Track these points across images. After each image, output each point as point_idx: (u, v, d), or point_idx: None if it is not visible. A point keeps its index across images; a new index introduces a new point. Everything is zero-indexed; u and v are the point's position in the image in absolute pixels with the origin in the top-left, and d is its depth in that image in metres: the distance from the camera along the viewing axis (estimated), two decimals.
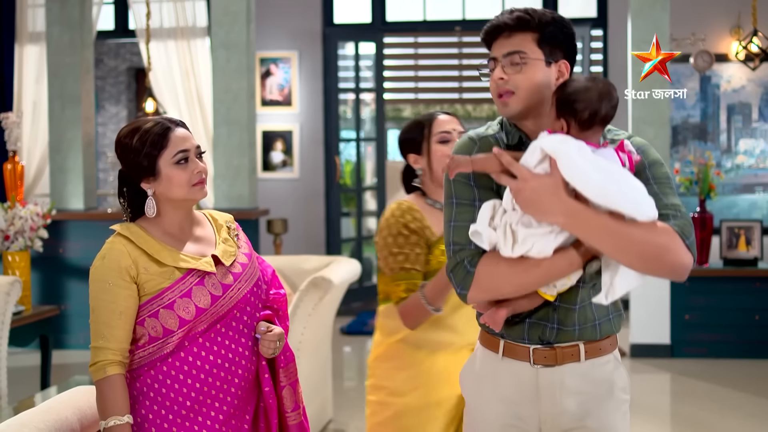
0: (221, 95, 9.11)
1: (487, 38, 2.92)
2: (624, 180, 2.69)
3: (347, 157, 12.85)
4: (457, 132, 3.79)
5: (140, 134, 3.10)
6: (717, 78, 10.62)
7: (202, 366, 3.09)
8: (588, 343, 2.92)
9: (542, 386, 2.91)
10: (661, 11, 8.52)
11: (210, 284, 3.11)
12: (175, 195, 3.11)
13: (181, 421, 3.08)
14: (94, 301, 3.07)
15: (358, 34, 11.71)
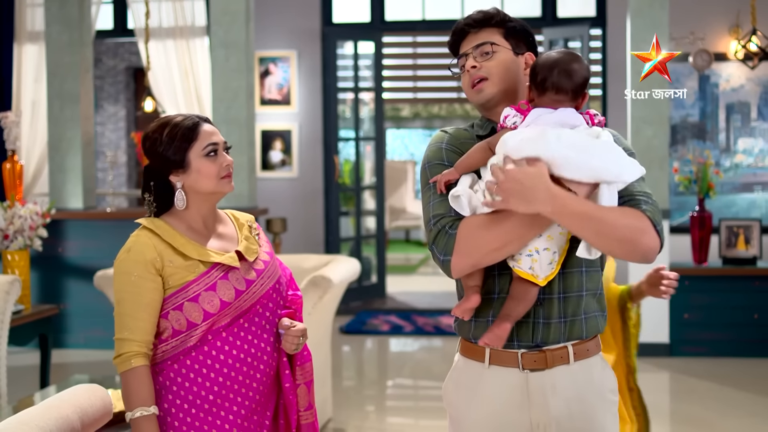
0: (220, 94, 9.12)
1: (456, 39, 3.09)
2: (601, 150, 2.75)
3: (346, 157, 12.83)
4: None
5: (170, 128, 3.18)
6: (716, 77, 10.62)
7: (225, 360, 3.13)
8: (576, 345, 2.94)
9: (533, 391, 2.91)
10: (660, 10, 8.53)
11: (234, 279, 3.17)
12: (203, 187, 3.19)
13: (203, 415, 3.13)
14: (120, 293, 3.12)
15: (356, 34, 11.70)
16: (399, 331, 10.08)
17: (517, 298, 2.85)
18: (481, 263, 2.82)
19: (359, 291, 11.41)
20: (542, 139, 2.73)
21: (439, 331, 9.97)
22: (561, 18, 11.26)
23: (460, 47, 3.08)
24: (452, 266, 2.83)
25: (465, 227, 2.81)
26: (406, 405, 8.00)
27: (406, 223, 17.77)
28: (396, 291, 12.29)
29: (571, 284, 2.90)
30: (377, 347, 9.74)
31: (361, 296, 11.46)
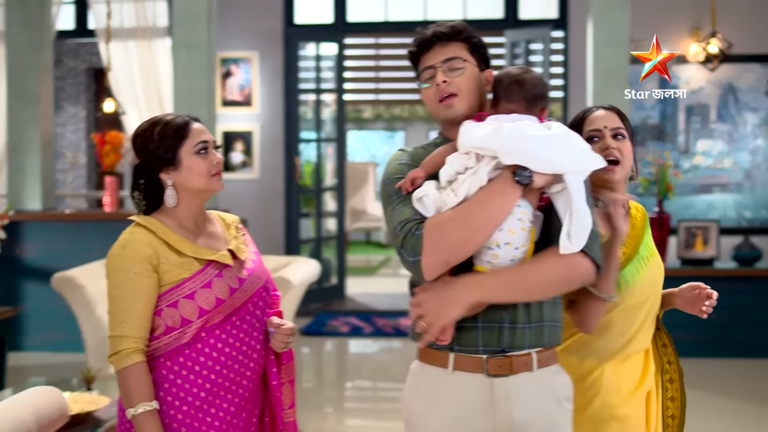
0: (182, 95, 9.07)
1: (422, 48, 3.10)
2: (559, 140, 2.82)
3: (307, 158, 12.81)
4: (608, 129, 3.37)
5: (161, 126, 3.23)
6: (676, 79, 10.69)
7: (218, 358, 3.17)
8: (539, 352, 2.97)
9: (497, 398, 2.92)
10: (621, 13, 8.58)
11: (228, 277, 3.22)
12: (194, 184, 3.24)
13: (194, 412, 3.16)
14: (116, 290, 3.13)
15: (319, 35, 11.71)
16: (358, 332, 10.08)
17: None
18: (451, 259, 2.82)
19: (319, 292, 11.40)
20: (497, 134, 2.79)
21: (398, 332, 9.96)
22: (523, 20, 11.30)
23: (423, 57, 3.10)
24: (423, 266, 2.82)
25: (430, 225, 2.83)
26: (365, 407, 8.00)
27: (366, 224, 17.79)
28: (356, 292, 12.28)
29: None
30: (337, 349, 9.73)
31: (321, 298, 11.45)
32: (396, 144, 22.37)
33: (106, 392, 5.18)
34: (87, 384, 5.16)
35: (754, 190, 10.68)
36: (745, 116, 10.61)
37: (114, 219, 8.90)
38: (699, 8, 10.24)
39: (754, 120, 10.64)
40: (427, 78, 3.07)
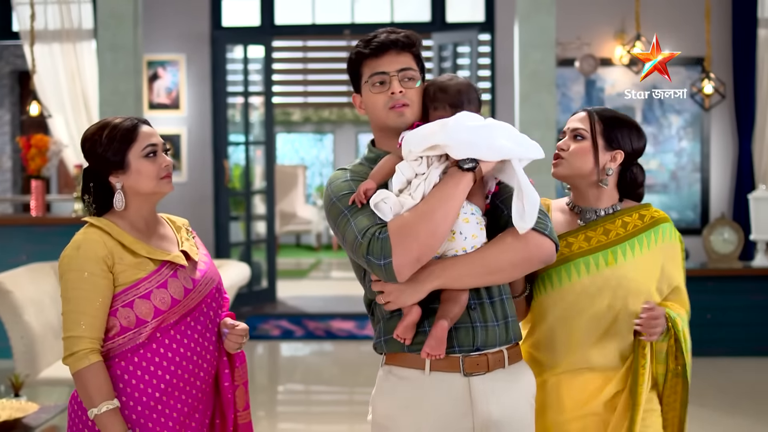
0: (108, 98, 9.00)
1: (374, 53, 3.09)
2: (503, 129, 2.93)
3: (236, 161, 12.77)
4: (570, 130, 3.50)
5: (110, 129, 3.22)
6: (602, 82, 10.81)
7: (172, 358, 3.17)
8: (509, 348, 3.04)
9: (476, 396, 2.97)
10: (546, 15, 8.64)
11: (182, 277, 3.24)
12: (143, 188, 3.26)
13: (148, 412, 3.16)
14: (71, 291, 3.12)
15: (246, 38, 11.68)
16: (290, 335, 10.07)
17: (451, 300, 2.94)
18: (422, 255, 2.86)
19: (249, 296, 11.37)
20: (443, 129, 2.87)
21: (329, 335, 9.98)
22: (450, 23, 11.37)
23: (372, 62, 3.09)
24: (395, 267, 2.85)
25: (395, 226, 2.87)
26: (297, 410, 7.98)
27: (296, 227, 17.77)
28: (287, 296, 12.28)
29: (492, 288, 3.03)
30: (268, 352, 9.71)
31: (252, 301, 11.42)
32: (325, 146, 22.37)
33: (34, 399, 5.12)
34: (15, 390, 5.09)
35: (679, 191, 10.84)
36: (670, 118, 10.77)
37: (41, 223, 8.81)
38: (624, 12, 10.38)
39: (678, 122, 10.80)
40: (377, 83, 3.07)
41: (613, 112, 3.39)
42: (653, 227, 3.36)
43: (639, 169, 3.43)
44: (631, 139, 3.36)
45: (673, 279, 3.37)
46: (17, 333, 6.16)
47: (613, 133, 3.33)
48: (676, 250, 3.38)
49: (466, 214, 2.93)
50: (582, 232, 3.35)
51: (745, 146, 10.73)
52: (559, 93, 10.76)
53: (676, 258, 3.38)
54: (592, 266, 3.30)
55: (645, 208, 3.41)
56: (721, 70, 10.69)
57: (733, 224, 9.10)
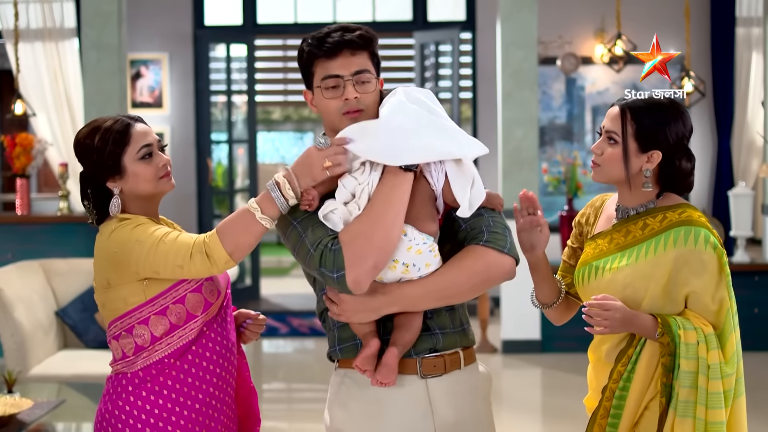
0: (92, 96, 9.04)
1: (326, 53, 2.91)
2: (436, 131, 2.84)
3: (219, 159, 12.82)
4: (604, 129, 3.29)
5: (101, 133, 3.08)
6: (582, 80, 10.92)
7: (219, 351, 3.10)
8: (465, 350, 3.03)
9: (434, 398, 2.95)
10: (528, 14, 8.73)
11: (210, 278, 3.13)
12: (142, 190, 3.10)
13: (205, 409, 3.08)
14: (147, 237, 2.96)
15: (229, 36, 11.74)
16: (274, 332, 10.14)
17: (403, 327, 2.90)
18: (379, 261, 2.78)
19: (233, 294, 11.22)
20: (366, 139, 2.82)
21: (313, 332, 10.07)
22: (432, 22, 11.46)
23: (325, 63, 2.92)
24: (351, 279, 2.77)
25: (347, 236, 2.79)
26: (279, 407, 8.04)
27: None
28: (270, 293, 12.31)
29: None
30: (252, 349, 9.76)
31: (236, 299, 11.25)
32: (305, 145, 22.41)
33: (26, 395, 5.16)
34: (8, 387, 5.13)
35: None
36: None
37: (26, 222, 8.85)
38: (604, 11, 10.50)
39: None
40: (330, 86, 2.90)
41: (649, 104, 3.14)
42: (668, 230, 3.07)
43: (685, 158, 3.12)
44: (671, 132, 3.09)
45: (690, 286, 3.02)
46: (8, 330, 6.20)
47: (647, 132, 3.09)
48: (700, 258, 3.00)
49: (418, 245, 2.83)
50: (609, 234, 3.20)
51: (724, 144, 10.88)
52: (540, 91, 10.84)
53: (697, 266, 3.01)
54: (600, 270, 3.16)
55: (676, 208, 3.11)
56: (701, 68, 10.84)
57: (714, 220, 9.20)
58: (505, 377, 8.37)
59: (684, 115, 3.14)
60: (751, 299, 8.95)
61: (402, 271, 2.84)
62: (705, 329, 2.99)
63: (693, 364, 2.96)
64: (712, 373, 2.96)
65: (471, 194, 2.83)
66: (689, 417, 2.95)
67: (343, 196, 2.83)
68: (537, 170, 8.92)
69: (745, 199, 8.93)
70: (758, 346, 8.95)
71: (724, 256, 3.03)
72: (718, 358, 2.98)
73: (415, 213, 2.86)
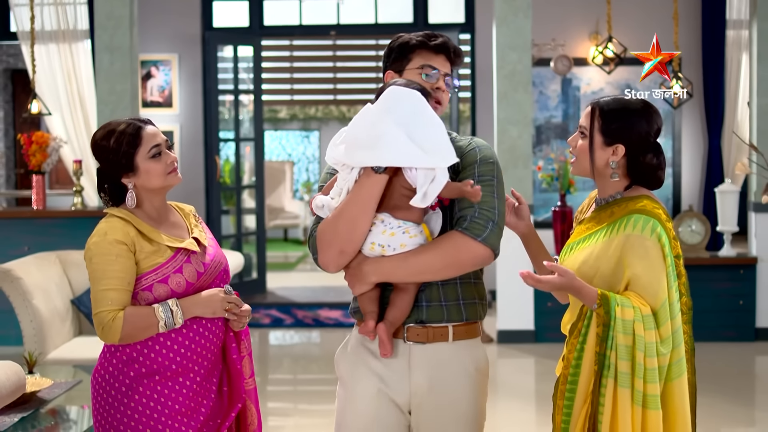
0: (105, 97, 9.30)
1: (435, 49, 3.40)
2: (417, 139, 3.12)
3: (226, 157, 13.09)
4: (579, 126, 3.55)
5: (116, 136, 3.52)
6: (577, 80, 11.20)
7: (186, 334, 3.51)
8: (456, 326, 3.35)
9: (413, 362, 3.32)
10: (523, 18, 8.98)
11: (195, 262, 3.56)
12: (153, 185, 3.55)
13: (165, 381, 3.49)
14: (100, 272, 3.41)
15: (236, 38, 11.96)
16: (279, 323, 10.46)
17: (393, 305, 3.30)
18: (345, 248, 3.22)
19: (240, 286, 11.61)
20: (341, 147, 3.23)
21: (318, 323, 10.37)
22: (432, 24, 11.72)
23: (427, 55, 3.39)
24: (320, 260, 3.27)
25: (321, 226, 3.26)
26: (284, 396, 8.34)
27: (284, 222, 18.00)
28: (276, 286, 12.55)
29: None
30: (258, 339, 10.05)
31: (243, 292, 11.37)
32: (311, 143, 22.62)
33: (46, 376, 5.42)
34: (29, 367, 5.44)
35: None
36: None
37: (42, 216, 9.11)
38: (598, 14, 10.75)
39: None
40: (427, 74, 3.37)
41: (618, 103, 3.36)
42: (623, 217, 3.28)
43: (651, 154, 3.34)
44: (634, 128, 3.31)
45: (632, 268, 3.22)
46: (27, 317, 6.54)
47: (612, 126, 3.32)
48: (643, 243, 3.20)
49: (392, 229, 3.19)
50: (587, 220, 3.46)
51: (714, 143, 11.16)
52: (537, 91, 11.15)
53: (640, 251, 3.21)
54: (572, 250, 3.43)
55: (637, 199, 3.33)
56: (692, 69, 11.12)
57: (701, 216, 9.50)
58: (501, 366, 8.65)
59: (651, 114, 3.34)
60: (736, 292, 9.27)
61: (380, 251, 3.21)
62: (643, 309, 3.18)
63: (629, 339, 3.16)
64: (648, 350, 3.16)
65: (428, 188, 3.13)
66: (627, 387, 3.16)
67: (334, 191, 3.27)
68: (531, 168, 9.16)
69: (731, 195, 9.25)
70: (743, 337, 9.28)
71: (667, 248, 3.22)
72: (655, 337, 3.17)
73: (393, 203, 3.22)
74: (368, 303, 3.31)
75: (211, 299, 3.49)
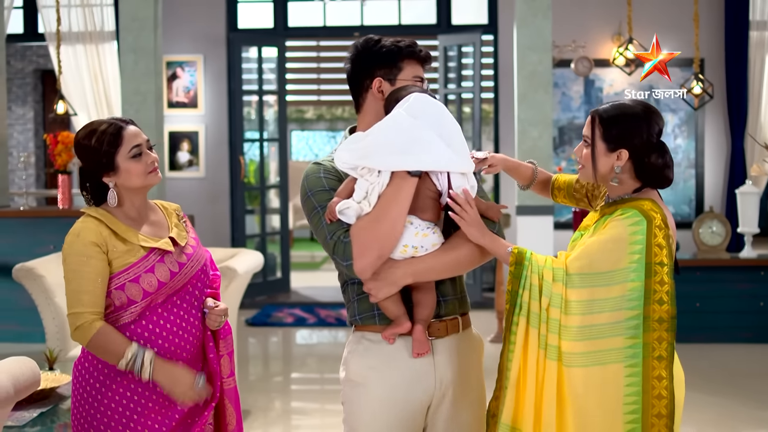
0: (130, 97, 9.38)
1: (424, 59, 3.51)
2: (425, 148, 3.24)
3: (251, 157, 13.17)
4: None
5: (97, 135, 3.55)
6: (600, 81, 11.23)
7: (159, 333, 3.56)
8: (462, 316, 3.51)
9: (438, 356, 3.42)
10: (543, 20, 8.99)
11: (169, 262, 3.60)
12: (133, 184, 3.60)
13: (138, 378, 3.52)
14: (73, 273, 3.48)
15: (261, 39, 12.06)
16: (303, 322, 10.51)
17: (420, 304, 3.38)
18: (383, 252, 3.25)
19: (264, 286, 11.76)
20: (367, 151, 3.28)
21: (340, 322, 10.42)
22: (455, 25, 11.82)
23: (413, 64, 3.47)
24: (357, 267, 3.23)
25: (355, 230, 3.24)
26: (310, 388, 8.45)
27: None
28: (300, 286, 12.63)
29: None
30: (281, 338, 10.14)
31: (266, 291, 11.83)
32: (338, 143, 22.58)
33: (67, 372, 5.52)
34: (49, 364, 5.51)
35: (675, 187, 11.25)
36: (666, 117, 11.17)
37: (67, 215, 9.19)
38: (620, 15, 10.75)
39: (674, 120, 11.23)
40: (419, 84, 3.46)
41: (616, 109, 3.38)
42: (619, 208, 3.34)
43: (655, 155, 3.36)
44: (636, 132, 3.34)
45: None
46: (49, 314, 6.64)
47: (612, 133, 3.35)
48: (617, 225, 3.27)
49: (423, 230, 3.28)
50: (595, 218, 3.47)
51: (737, 144, 11.14)
52: (560, 92, 11.19)
53: (608, 228, 3.28)
54: (576, 240, 3.49)
55: (634, 200, 3.37)
56: (715, 71, 11.12)
57: (721, 217, 9.51)
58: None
59: (650, 116, 3.37)
60: (756, 293, 9.27)
61: (412, 253, 3.28)
62: (555, 262, 3.32)
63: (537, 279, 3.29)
64: (553, 300, 3.26)
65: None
66: (536, 328, 3.27)
67: (358, 195, 3.28)
68: (552, 169, 9.15)
69: (752, 197, 9.25)
70: (762, 338, 9.28)
71: (639, 246, 3.24)
72: (561, 290, 3.26)
73: (420, 205, 3.31)
74: (396, 306, 3.35)
75: (181, 381, 3.52)
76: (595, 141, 3.39)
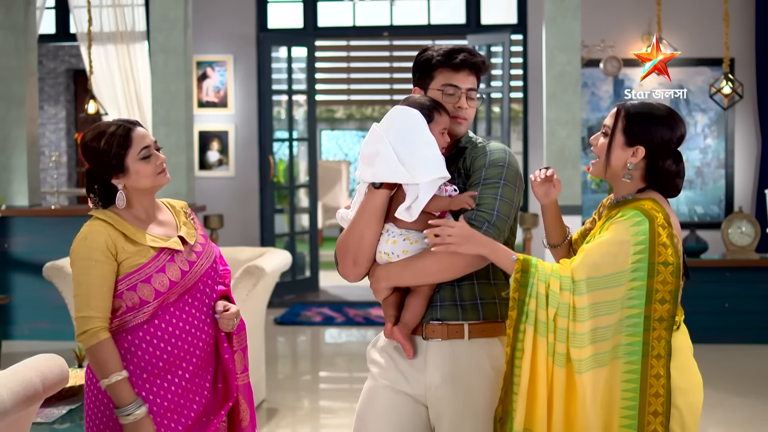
0: (160, 97, 9.46)
1: (456, 68, 3.46)
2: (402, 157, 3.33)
3: (281, 156, 13.22)
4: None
5: (106, 138, 3.55)
6: (630, 81, 11.21)
7: (173, 332, 3.57)
8: (473, 324, 3.45)
9: (429, 356, 3.46)
10: (572, 19, 9.01)
11: (179, 261, 3.60)
12: (143, 185, 3.60)
13: (153, 378, 3.55)
14: (81, 277, 3.47)
15: (290, 39, 12.11)
16: (331, 322, 10.56)
17: (405, 307, 3.47)
18: (357, 258, 3.42)
19: (293, 285, 11.81)
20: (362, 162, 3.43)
21: (368, 321, 10.47)
22: (484, 25, 11.83)
23: (448, 72, 3.47)
24: (339, 271, 3.51)
25: (339, 238, 3.49)
26: (339, 387, 8.50)
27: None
28: (329, 285, 12.66)
29: (467, 276, 3.44)
30: (310, 336, 10.19)
31: (295, 290, 11.89)
32: None
33: None
34: (78, 361, 5.56)
35: (705, 187, 11.21)
36: (696, 117, 11.15)
37: None
38: (650, 15, 10.74)
39: (704, 120, 11.19)
40: (449, 93, 3.44)
41: (644, 107, 3.40)
42: (621, 209, 3.33)
43: (672, 161, 3.38)
44: (656, 133, 3.35)
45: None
46: None
47: (635, 128, 3.35)
48: (618, 226, 3.26)
49: (394, 237, 3.40)
50: (600, 221, 3.47)
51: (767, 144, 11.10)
52: (589, 92, 11.18)
53: (610, 230, 3.27)
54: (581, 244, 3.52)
55: (635, 200, 3.37)
56: (745, 71, 11.07)
57: (751, 218, 9.49)
58: None
59: (675, 121, 3.38)
60: None
61: (387, 259, 3.42)
62: (562, 270, 3.28)
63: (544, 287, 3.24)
64: (561, 309, 3.24)
65: (412, 204, 3.33)
66: (544, 336, 3.24)
67: (354, 204, 3.52)
68: (580, 169, 9.14)
69: None
70: None
71: (641, 246, 3.24)
72: (569, 299, 3.23)
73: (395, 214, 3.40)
74: (388, 307, 3.49)
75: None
76: (615, 132, 3.41)
